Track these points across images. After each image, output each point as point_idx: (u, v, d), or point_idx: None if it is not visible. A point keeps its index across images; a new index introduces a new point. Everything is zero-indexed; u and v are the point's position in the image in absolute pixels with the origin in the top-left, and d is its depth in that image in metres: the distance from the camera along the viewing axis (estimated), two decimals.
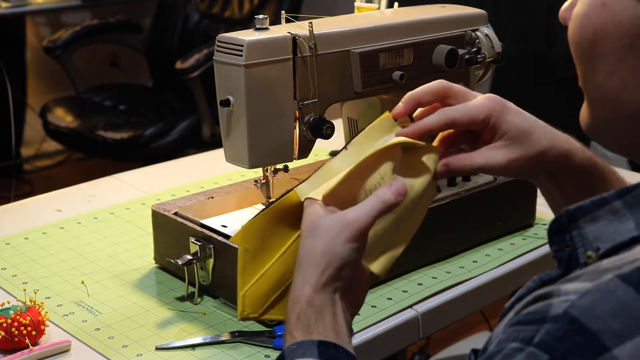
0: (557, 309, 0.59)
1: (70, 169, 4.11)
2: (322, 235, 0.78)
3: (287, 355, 0.75)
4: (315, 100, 1.17)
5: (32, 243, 1.37)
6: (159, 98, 3.51)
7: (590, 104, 0.74)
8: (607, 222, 0.67)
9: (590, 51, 0.70)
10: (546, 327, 0.59)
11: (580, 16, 0.71)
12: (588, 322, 0.58)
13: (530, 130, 0.86)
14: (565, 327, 0.58)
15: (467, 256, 1.32)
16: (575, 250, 0.68)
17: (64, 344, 1.07)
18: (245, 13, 3.43)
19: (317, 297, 0.77)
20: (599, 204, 0.67)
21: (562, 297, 0.60)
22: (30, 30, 4.03)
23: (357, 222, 0.78)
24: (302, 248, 0.79)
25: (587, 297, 0.59)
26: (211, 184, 1.59)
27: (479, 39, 1.32)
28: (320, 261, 0.77)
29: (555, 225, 0.70)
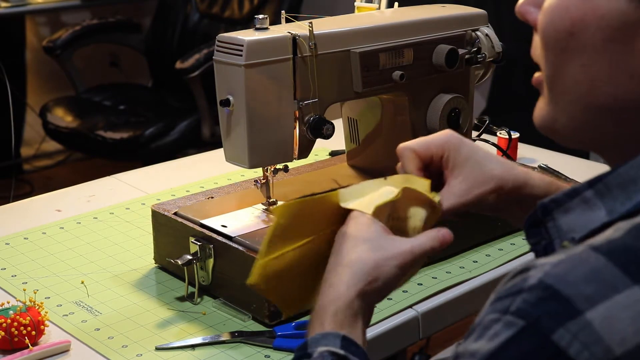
0: (531, 280, 0.61)
1: (70, 169, 4.11)
2: (380, 250, 0.82)
3: (311, 343, 0.78)
4: (315, 100, 1.17)
5: (32, 243, 1.37)
6: (159, 98, 3.51)
7: (555, 100, 0.74)
8: (580, 212, 0.68)
9: (566, 43, 0.70)
10: (522, 296, 0.61)
11: (556, 7, 0.70)
12: (561, 288, 0.60)
13: (482, 162, 0.89)
14: (539, 294, 0.60)
15: (467, 256, 1.32)
16: (552, 241, 0.70)
17: (64, 344, 1.07)
18: (245, 13, 3.43)
19: (357, 302, 0.80)
20: (571, 195, 0.69)
21: (537, 269, 0.62)
22: (30, 30, 4.03)
23: (412, 253, 0.83)
24: (354, 253, 0.82)
25: (560, 266, 0.61)
26: (211, 184, 1.59)
27: (479, 39, 1.32)
28: (371, 272, 0.81)
29: (531, 219, 0.72)
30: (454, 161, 0.89)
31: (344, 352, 0.76)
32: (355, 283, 0.80)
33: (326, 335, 0.78)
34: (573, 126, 0.73)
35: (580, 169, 1.64)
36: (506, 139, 1.62)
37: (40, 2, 3.61)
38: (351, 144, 1.44)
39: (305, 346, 0.78)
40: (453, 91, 1.31)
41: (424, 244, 0.83)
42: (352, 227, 0.84)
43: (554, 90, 0.74)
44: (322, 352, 0.76)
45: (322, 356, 0.76)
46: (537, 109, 0.77)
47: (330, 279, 0.82)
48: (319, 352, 0.76)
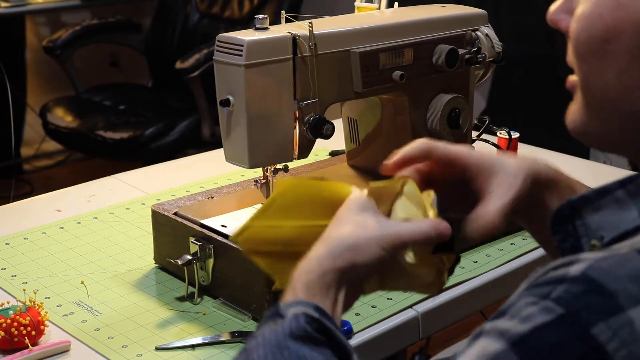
0: (575, 271, 0.60)
1: (70, 169, 4.11)
2: (364, 228, 0.79)
3: (283, 307, 0.76)
4: (315, 100, 1.17)
5: (32, 243, 1.37)
6: (159, 98, 3.51)
7: (588, 105, 0.74)
8: (610, 211, 0.68)
9: (601, 50, 0.70)
10: (564, 286, 0.60)
11: (589, 15, 0.70)
12: (607, 283, 0.59)
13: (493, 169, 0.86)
14: (583, 286, 0.59)
15: (467, 256, 1.32)
16: (579, 239, 0.69)
17: (64, 344, 1.07)
18: (245, 13, 3.43)
19: (330, 277, 0.78)
20: (601, 193, 0.69)
21: (581, 263, 0.61)
22: (30, 30, 4.03)
23: (399, 237, 0.79)
24: (337, 230, 0.80)
25: (605, 261, 0.60)
26: (211, 184, 1.59)
27: (479, 39, 1.32)
28: (349, 249, 0.78)
29: (558, 215, 0.71)
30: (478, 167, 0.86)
31: (318, 315, 0.74)
32: (328, 257, 0.78)
33: (299, 302, 0.76)
34: (606, 131, 0.73)
35: (580, 169, 1.64)
36: (506, 139, 1.62)
37: (40, 2, 3.61)
38: (351, 144, 1.44)
39: (277, 309, 0.76)
40: (453, 91, 1.31)
41: (415, 229, 0.80)
42: (345, 205, 0.82)
43: (588, 95, 0.74)
44: (296, 313, 0.74)
45: (296, 316, 0.73)
46: (570, 113, 0.77)
47: (309, 254, 0.80)
48: (293, 312, 0.74)
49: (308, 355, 0.71)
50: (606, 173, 1.75)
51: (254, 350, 0.73)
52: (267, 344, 0.72)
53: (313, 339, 0.73)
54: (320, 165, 1.49)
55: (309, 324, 0.73)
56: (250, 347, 0.73)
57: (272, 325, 0.74)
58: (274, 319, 0.75)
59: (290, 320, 0.73)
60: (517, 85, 2.99)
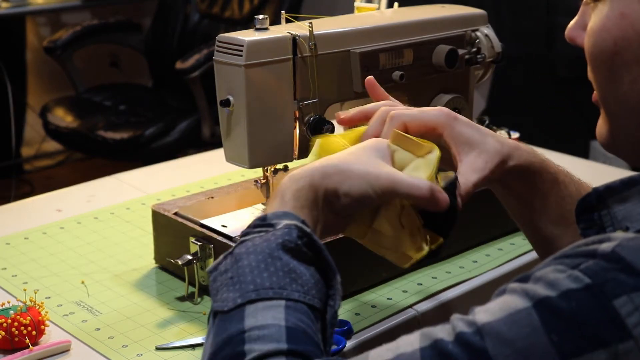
0: (605, 248, 0.62)
1: (70, 169, 4.11)
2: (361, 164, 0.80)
3: (272, 217, 0.76)
4: (315, 100, 1.17)
5: (32, 243, 1.37)
6: (159, 98, 3.51)
7: (610, 117, 0.75)
8: (636, 202, 0.68)
9: (612, 62, 0.71)
10: (594, 260, 0.61)
11: (598, 29, 0.72)
12: (634, 261, 0.60)
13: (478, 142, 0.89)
14: (611, 263, 0.60)
15: (467, 256, 1.32)
16: (604, 229, 0.70)
17: (64, 344, 1.07)
18: (245, 13, 3.43)
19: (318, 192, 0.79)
20: (628, 184, 0.69)
21: (611, 242, 0.62)
22: (30, 30, 4.03)
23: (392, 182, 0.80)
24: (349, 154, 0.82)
25: (635, 240, 0.62)
26: (211, 184, 1.59)
27: (479, 39, 1.32)
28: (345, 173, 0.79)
29: (584, 204, 0.72)
30: (457, 139, 0.88)
31: (309, 229, 0.74)
32: (319, 173, 0.79)
33: (288, 214, 0.76)
34: (632, 142, 0.74)
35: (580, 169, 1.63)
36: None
37: (40, 3, 3.62)
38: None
39: (265, 218, 0.76)
40: (453, 91, 1.31)
41: (413, 183, 0.80)
42: (363, 142, 0.84)
43: (607, 108, 0.75)
44: (288, 225, 0.74)
45: (289, 228, 0.73)
46: (598, 128, 0.78)
47: (303, 165, 0.81)
48: (285, 224, 0.74)
49: (297, 269, 0.71)
50: (606, 173, 1.75)
51: (244, 256, 0.72)
52: (258, 251, 0.72)
53: (302, 253, 0.73)
54: None
55: (300, 237, 0.73)
56: (240, 252, 0.73)
57: (262, 234, 0.74)
58: (264, 228, 0.74)
59: (283, 231, 0.73)
60: (517, 85, 2.99)
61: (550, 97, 2.90)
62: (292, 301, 0.69)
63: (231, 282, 0.71)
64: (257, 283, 0.70)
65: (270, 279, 0.70)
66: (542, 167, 0.93)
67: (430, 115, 0.90)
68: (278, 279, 0.70)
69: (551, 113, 2.88)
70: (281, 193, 0.79)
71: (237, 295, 0.70)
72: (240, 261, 0.72)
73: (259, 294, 0.69)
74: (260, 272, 0.70)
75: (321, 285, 0.73)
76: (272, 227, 0.74)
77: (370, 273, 1.21)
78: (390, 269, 1.23)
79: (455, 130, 0.89)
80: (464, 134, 0.88)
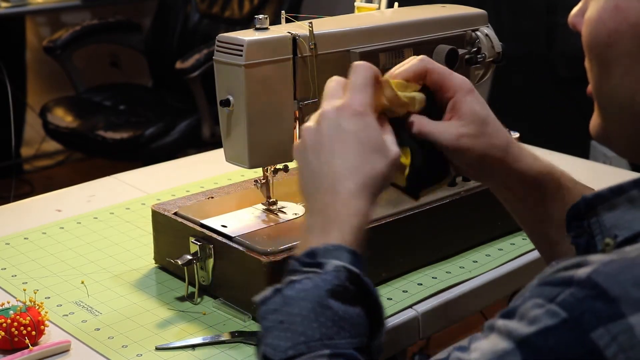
0: (582, 274, 0.61)
1: (70, 169, 4.11)
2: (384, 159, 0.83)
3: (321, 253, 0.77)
4: (315, 100, 1.17)
5: (32, 243, 1.37)
6: (159, 98, 3.51)
7: (602, 110, 0.74)
8: (624, 210, 0.68)
9: (605, 54, 0.71)
10: (570, 290, 0.61)
11: (593, 20, 0.71)
12: (610, 288, 0.60)
13: (485, 121, 0.90)
14: (587, 290, 0.60)
15: (467, 256, 1.32)
16: (593, 237, 0.70)
17: (64, 344, 1.07)
18: (245, 13, 3.43)
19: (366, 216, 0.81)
20: (616, 192, 0.69)
21: (588, 266, 0.62)
22: (30, 30, 4.03)
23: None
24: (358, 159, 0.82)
25: (611, 265, 0.61)
26: (211, 184, 1.59)
27: (479, 39, 1.32)
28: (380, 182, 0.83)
29: (573, 211, 0.72)
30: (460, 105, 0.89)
31: (358, 271, 0.76)
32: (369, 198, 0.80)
33: (337, 247, 0.77)
34: (624, 136, 0.74)
35: (580, 169, 1.64)
36: None
37: (40, 2, 3.61)
38: None
39: (314, 254, 0.77)
40: None
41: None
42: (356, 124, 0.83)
43: (599, 101, 0.75)
44: (337, 267, 0.75)
45: (338, 271, 0.75)
46: (591, 121, 0.78)
47: (340, 189, 0.80)
48: (335, 265, 0.75)
49: (345, 314, 0.73)
50: (606, 173, 1.75)
51: (294, 302, 0.74)
52: (308, 299, 0.73)
53: (351, 295, 0.75)
54: None
55: (349, 279, 0.75)
56: (289, 295, 0.74)
57: (311, 275, 0.75)
58: (313, 268, 0.76)
59: (332, 275, 0.74)
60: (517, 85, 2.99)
61: (550, 97, 2.90)
62: (339, 350, 0.73)
63: (281, 326, 0.73)
64: (308, 335, 0.72)
65: (320, 329, 0.73)
66: (548, 172, 0.93)
67: (453, 76, 0.91)
68: (327, 330, 0.73)
69: (551, 113, 2.88)
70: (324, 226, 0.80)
71: (289, 345, 0.72)
72: (290, 306, 0.74)
73: (309, 347, 0.72)
74: (310, 322, 0.73)
75: (367, 323, 0.76)
76: (321, 268, 0.75)
77: (370, 273, 1.21)
78: (391, 269, 1.23)
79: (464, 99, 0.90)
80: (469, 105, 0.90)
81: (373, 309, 0.76)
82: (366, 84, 0.85)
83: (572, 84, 2.79)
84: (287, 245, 1.13)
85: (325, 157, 0.82)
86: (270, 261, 1.10)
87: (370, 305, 0.76)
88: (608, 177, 1.68)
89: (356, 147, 0.81)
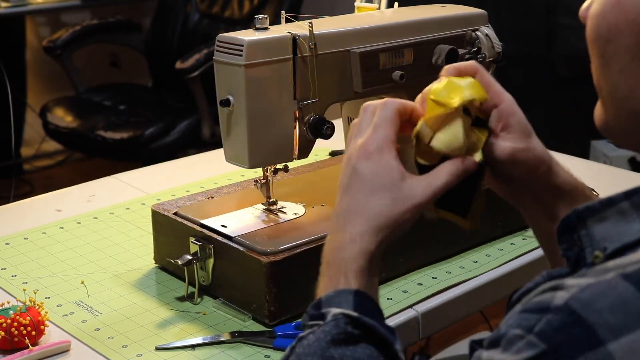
0: (559, 300, 0.61)
1: (70, 169, 4.11)
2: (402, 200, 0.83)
3: (324, 302, 0.79)
4: (315, 100, 1.17)
5: (32, 243, 1.37)
6: (159, 98, 3.51)
7: (603, 102, 0.75)
8: (614, 223, 0.67)
9: (604, 49, 0.71)
10: (547, 317, 0.61)
11: (595, 15, 0.72)
12: (586, 315, 0.60)
13: (531, 134, 0.89)
14: (564, 318, 0.60)
15: (467, 256, 1.32)
16: (583, 249, 0.69)
17: (64, 344, 1.07)
18: (245, 13, 3.43)
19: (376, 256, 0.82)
20: (606, 204, 0.68)
21: (565, 291, 0.62)
22: (30, 30, 4.03)
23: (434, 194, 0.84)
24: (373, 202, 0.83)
25: (587, 291, 0.61)
26: (211, 184, 1.59)
27: (479, 39, 1.32)
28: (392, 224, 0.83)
29: (564, 224, 0.71)
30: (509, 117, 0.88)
31: (357, 314, 0.77)
32: (375, 237, 0.81)
33: (340, 292, 0.79)
34: (622, 130, 0.74)
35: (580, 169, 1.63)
36: None
37: (40, 2, 3.61)
38: None
39: (320, 305, 0.79)
40: None
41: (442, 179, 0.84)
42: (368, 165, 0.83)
43: (600, 94, 0.75)
44: (335, 315, 0.77)
45: (336, 319, 0.76)
46: (595, 111, 0.78)
47: (349, 229, 0.82)
48: (333, 314, 0.77)
49: (352, 358, 0.75)
50: (606, 173, 1.75)
51: (304, 358, 0.76)
52: (312, 353, 0.76)
53: (355, 338, 0.76)
54: (320, 165, 1.49)
55: (349, 324, 0.76)
56: (299, 352, 0.77)
57: (315, 329, 0.77)
58: (316, 321, 0.78)
59: (331, 325, 0.76)
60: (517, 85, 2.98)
61: (550, 97, 2.90)
62: None
63: None
64: None
65: None
66: (580, 186, 0.91)
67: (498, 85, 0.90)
68: None
69: (551, 113, 2.88)
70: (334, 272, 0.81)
71: None
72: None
73: None
74: None
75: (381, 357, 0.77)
76: (323, 320, 0.78)
77: None
78: (391, 269, 1.23)
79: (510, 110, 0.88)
80: (517, 117, 0.88)
81: (382, 343, 0.77)
82: (387, 121, 0.85)
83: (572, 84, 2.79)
84: (287, 245, 1.13)
85: (344, 198, 0.84)
86: (270, 261, 1.10)
87: (379, 340, 0.77)
88: (608, 177, 1.68)
89: (366, 188, 0.83)
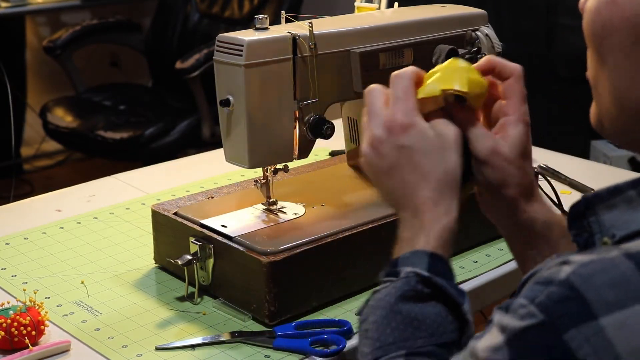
0: (562, 274, 0.63)
1: (70, 169, 4.11)
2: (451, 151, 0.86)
3: (401, 262, 0.81)
4: (315, 100, 1.17)
5: (32, 243, 1.37)
6: (159, 98, 3.51)
7: (597, 98, 0.75)
8: (622, 210, 0.69)
9: (600, 45, 0.72)
10: (549, 290, 0.63)
11: (591, 11, 0.72)
12: (584, 290, 0.62)
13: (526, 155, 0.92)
14: (564, 292, 0.62)
15: (467, 256, 1.32)
16: (593, 235, 0.71)
17: (64, 344, 1.07)
18: (245, 13, 3.43)
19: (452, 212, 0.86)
20: (613, 192, 0.70)
21: (568, 266, 0.64)
22: (30, 30, 4.03)
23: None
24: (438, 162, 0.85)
25: (589, 266, 0.63)
26: (211, 184, 1.59)
27: (479, 39, 1.32)
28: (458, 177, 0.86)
29: (574, 211, 0.73)
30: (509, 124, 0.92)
31: (428, 274, 0.79)
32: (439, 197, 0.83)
33: (416, 252, 0.81)
34: (615, 127, 0.75)
35: (579, 169, 1.64)
36: None
37: (40, 2, 3.61)
38: (351, 144, 1.44)
39: (396, 264, 0.82)
40: None
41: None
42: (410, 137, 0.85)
43: (594, 89, 0.76)
44: (407, 273, 0.79)
45: (408, 277, 0.79)
46: (591, 108, 0.79)
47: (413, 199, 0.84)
48: (405, 272, 0.80)
49: (419, 315, 0.77)
50: (606, 173, 1.75)
51: (374, 310, 0.79)
52: (382, 307, 0.79)
53: (424, 296, 0.79)
54: (320, 165, 1.49)
55: (420, 282, 0.79)
56: (372, 305, 0.80)
57: (388, 284, 0.80)
58: (390, 278, 0.81)
59: (402, 281, 0.79)
60: None
61: (550, 97, 2.90)
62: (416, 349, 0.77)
63: (365, 334, 0.80)
64: (382, 340, 0.78)
65: (393, 334, 0.78)
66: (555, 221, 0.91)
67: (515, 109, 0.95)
68: (401, 333, 0.77)
69: (551, 113, 2.88)
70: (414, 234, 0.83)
71: (368, 351, 0.78)
72: (372, 315, 0.80)
73: (384, 351, 0.77)
74: (384, 327, 0.78)
75: (452, 319, 0.79)
76: (396, 277, 0.80)
77: (370, 273, 1.21)
78: None
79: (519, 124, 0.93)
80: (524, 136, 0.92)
81: (451, 303, 0.79)
82: (407, 91, 0.86)
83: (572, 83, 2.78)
84: (287, 245, 1.13)
85: (396, 177, 0.85)
86: (270, 261, 1.10)
87: (446, 300, 0.79)
88: (608, 177, 1.68)
89: (419, 157, 0.84)
